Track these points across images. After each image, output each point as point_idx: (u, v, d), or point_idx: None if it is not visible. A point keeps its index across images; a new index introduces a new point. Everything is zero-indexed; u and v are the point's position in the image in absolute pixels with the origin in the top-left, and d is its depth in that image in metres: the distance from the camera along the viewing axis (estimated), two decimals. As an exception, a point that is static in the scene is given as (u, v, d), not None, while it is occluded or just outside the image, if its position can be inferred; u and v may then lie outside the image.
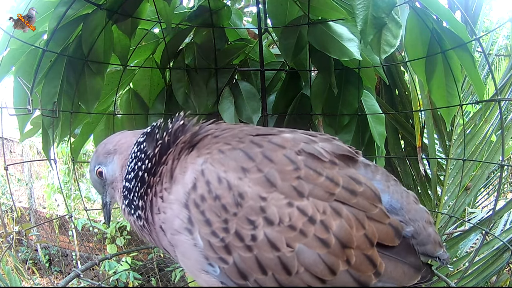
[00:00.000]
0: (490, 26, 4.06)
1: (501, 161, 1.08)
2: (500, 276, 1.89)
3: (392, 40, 1.04)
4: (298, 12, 1.37)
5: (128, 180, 0.80)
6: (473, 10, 1.91)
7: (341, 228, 0.66)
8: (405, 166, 2.02)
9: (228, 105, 1.42)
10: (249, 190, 0.65)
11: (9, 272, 2.16)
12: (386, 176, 0.81)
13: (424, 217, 0.80)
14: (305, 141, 0.73)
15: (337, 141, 0.80)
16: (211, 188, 0.66)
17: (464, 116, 2.18)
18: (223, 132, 0.77)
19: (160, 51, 1.49)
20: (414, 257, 0.74)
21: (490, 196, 2.84)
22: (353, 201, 0.69)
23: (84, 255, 5.11)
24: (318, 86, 1.40)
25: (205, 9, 1.37)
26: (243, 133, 0.75)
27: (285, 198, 0.65)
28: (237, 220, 0.64)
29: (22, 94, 1.15)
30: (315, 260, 0.64)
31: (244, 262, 0.65)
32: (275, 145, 0.71)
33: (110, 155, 0.85)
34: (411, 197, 0.82)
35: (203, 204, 0.66)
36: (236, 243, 0.64)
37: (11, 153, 6.57)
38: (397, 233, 0.72)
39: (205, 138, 0.76)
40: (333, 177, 0.69)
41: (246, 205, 0.64)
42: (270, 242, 0.64)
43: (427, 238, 0.78)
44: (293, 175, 0.67)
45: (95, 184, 0.91)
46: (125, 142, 0.84)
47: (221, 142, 0.72)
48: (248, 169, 0.67)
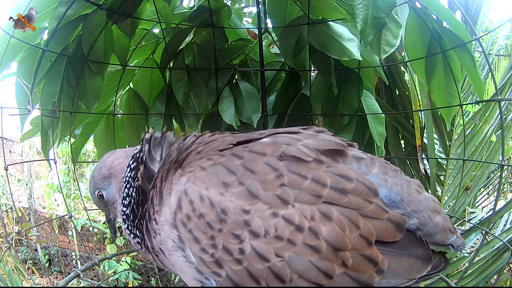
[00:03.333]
0: (490, 26, 4.06)
1: (501, 161, 1.08)
2: (500, 276, 1.89)
3: (392, 40, 1.04)
4: (298, 12, 1.37)
5: (124, 206, 0.83)
6: (473, 10, 1.91)
7: (332, 232, 0.65)
8: (405, 166, 2.02)
9: (228, 105, 1.42)
10: (231, 205, 0.65)
11: (9, 273, 2.16)
12: (383, 168, 0.78)
13: (430, 206, 0.77)
14: (286, 143, 0.72)
15: (324, 134, 0.78)
16: (195, 206, 0.66)
17: (464, 116, 2.18)
18: (205, 146, 0.77)
19: (160, 51, 1.49)
20: (422, 248, 0.72)
21: (490, 196, 2.83)
22: (343, 201, 0.67)
23: (84, 255, 5.10)
24: (318, 86, 1.40)
25: (205, 9, 1.37)
26: (224, 144, 0.74)
27: (269, 209, 0.65)
28: (223, 236, 0.65)
29: (23, 94, 1.15)
30: (308, 267, 0.64)
31: (236, 275, 0.65)
32: (256, 154, 0.70)
33: (107, 179, 0.87)
34: (413, 187, 0.78)
35: (189, 223, 0.67)
36: (226, 257, 0.65)
37: (11, 153, 6.57)
38: (399, 227, 0.69)
39: (189, 155, 0.76)
40: (319, 178, 0.68)
41: (229, 220, 0.64)
42: (259, 254, 0.63)
43: (435, 228, 0.75)
44: (276, 183, 0.66)
45: (98, 205, 0.93)
46: (118, 164, 0.87)
47: (204, 158, 0.72)
48: (229, 184, 0.66)
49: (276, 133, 0.76)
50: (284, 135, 0.75)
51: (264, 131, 0.79)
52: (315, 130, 0.80)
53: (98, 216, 5.16)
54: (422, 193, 0.79)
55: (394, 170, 0.80)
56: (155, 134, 0.83)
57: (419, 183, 0.82)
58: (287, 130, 0.78)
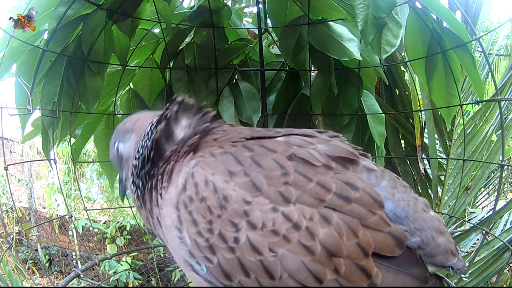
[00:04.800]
0: (490, 26, 4.06)
1: (501, 161, 1.08)
2: (501, 276, 1.89)
3: (393, 40, 1.04)
4: (298, 12, 1.37)
5: (136, 158, 0.82)
6: (473, 10, 1.91)
7: (329, 236, 0.64)
8: (406, 166, 2.02)
9: (228, 105, 1.42)
10: (234, 194, 0.66)
11: (10, 273, 2.16)
12: (393, 182, 0.77)
13: (434, 226, 0.76)
14: (299, 145, 0.72)
15: (338, 140, 0.78)
16: (199, 190, 0.68)
17: (464, 116, 2.18)
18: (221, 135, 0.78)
19: (160, 51, 1.49)
20: (420, 268, 0.71)
21: (490, 196, 2.83)
22: (346, 208, 0.66)
23: (84, 255, 5.11)
24: (318, 86, 1.40)
25: (205, 9, 1.37)
26: (238, 137, 0.75)
27: (270, 203, 0.65)
28: (220, 222, 0.65)
29: (23, 94, 1.16)
30: (299, 267, 0.63)
31: (227, 263, 0.65)
32: (266, 150, 0.70)
33: (128, 133, 0.87)
34: (420, 205, 0.78)
35: (190, 204, 0.68)
36: (220, 244, 0.65)
37: (11, 153, 6.57)
38: (399, 243, 0.68)
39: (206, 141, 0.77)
40: (325, 183, 0.67)
41: (230, 208, 0.65)
42: (252, 246, 0.64)
43: (437, 249, 0.74)
44: (280, 180, 0.67)
45: (113, 160, 0.92)
46: (142, 122, 0.86)
47: (216, 146, 0.73)
48: (235, 173, 0.67)
49: (292, 134, 0.77)
50: (299, 137, 0.75)
51: (280, 130, 0.79)
52: (330, 135, 0.80)
53: (98, 216, 5.17)
54: (428, 212, 0.78)
55: (404, 186, 0.79)
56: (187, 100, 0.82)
57: (427, 202, 0.81)
58: (303, 132, 0.78)
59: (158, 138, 0.78)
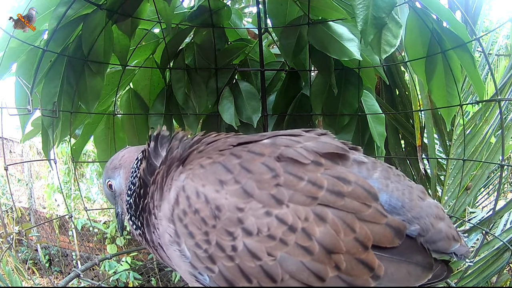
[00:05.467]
0: (490, 26, 4.06)
1: (501, 161, 1.08)
2: (500, 276, 1.89)
3: (393, 40, 1.04)
4: (298, 12, 1.37)
5: (129, 195, 0.85)
6: (473, 10, 1.91)
7: (326, 234, 0.64)
8: (405, 166, 2.03)
9: (228, 105, 1.42)
10: (226, 202, 0.66)
11: (9, 273, 2.16)
12: (386, 172, 0.77)
13: (432, 213, 0.75)
14: (285, 145, 0.72)
15: (325, 137, 0.78)
16: (191, 202, 0.68)
17: (464, 116, 2.18)
18: (208, 146, 0.79)
19: (160, 51, 1.49)
20: (422, 255, 0.71)
21: (490, 196, 2.83)
22: (340, 204, 0.67)
23: (84, 255, 5.11)
24: (318, 86, 1.40)
25: (205, 9, 1.37)
26: (225, 145, 0.76)
27: (263, 207, 0.65)
28: (216, 232, 0.66)
29: (23, 94, 1.16)
30: (299, 267, 0.63)
31: (228, 271, 0.65)
32: (254, 154, 0.71)
33: (117, 170, 0.90)
34: (416, 192, 0.77)
35: (185, 218, 0.68)
36: (218, 254, 0.66)
37: (11, 153, 6.57)
38: (397, 233, 0.68)
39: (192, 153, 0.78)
40: (316, 180, 0.67)
41: (223, 217, 0.65)
42: (250, 252, 0.64)
43: (438, 235, 0.74)
44: (271, 183, 0.67)
45: (108, 197, 0.96)
46: (128, 157, 0.90)
47: (204, 157, 0.74)
48: (225, 182, 0.68)
49: (277, 135, 0.77)
50: (285, 137, 0.75)
51: (266, 133, 0.80)
52: (317, 132, 0.80)
53: (98, 216, 5.16)
54: (425, 199, 0.78)
55: (397, 175, 0.79)
56: (163, 132, 0.84)
57: (423, 189, 0.80)
58: (289, 133, 0.78)
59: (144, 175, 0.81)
